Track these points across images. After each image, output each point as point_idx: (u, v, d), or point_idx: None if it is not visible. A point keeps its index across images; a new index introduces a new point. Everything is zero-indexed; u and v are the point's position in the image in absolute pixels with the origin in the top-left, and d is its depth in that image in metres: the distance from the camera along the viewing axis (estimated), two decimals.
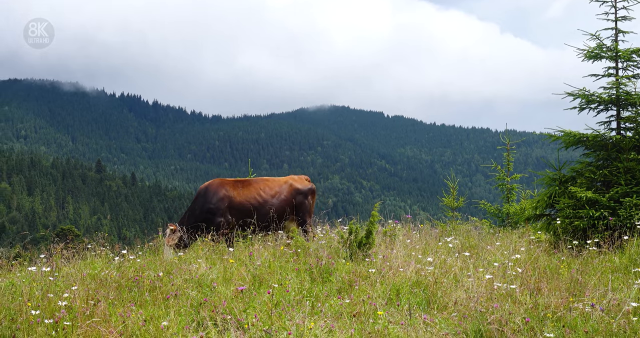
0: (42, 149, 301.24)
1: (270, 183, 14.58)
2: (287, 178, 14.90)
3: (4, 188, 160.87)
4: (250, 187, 14.32)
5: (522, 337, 6.77)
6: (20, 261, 10.94)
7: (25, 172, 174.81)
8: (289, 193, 14.45)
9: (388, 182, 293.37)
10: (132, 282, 8.85)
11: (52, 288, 8.08)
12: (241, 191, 14.16)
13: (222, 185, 14.17)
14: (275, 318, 7.02)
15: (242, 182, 14.45)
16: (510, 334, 6.66)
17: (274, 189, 14.39)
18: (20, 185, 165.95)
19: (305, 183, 14.82)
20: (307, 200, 14.63)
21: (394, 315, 7.67)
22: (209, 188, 14.15)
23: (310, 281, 9.35)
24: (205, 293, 8.48)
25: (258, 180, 14.73)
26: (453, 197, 19.81)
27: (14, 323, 6.91)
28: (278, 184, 14.56)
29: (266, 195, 14.25)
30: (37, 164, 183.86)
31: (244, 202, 14.03)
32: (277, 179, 14.82)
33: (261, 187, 14.37)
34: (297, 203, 14.45)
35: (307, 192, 14.67)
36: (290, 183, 14.61)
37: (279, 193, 14.37)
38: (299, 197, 14.53)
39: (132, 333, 6.98)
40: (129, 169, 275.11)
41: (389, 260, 10.04)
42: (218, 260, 10.50)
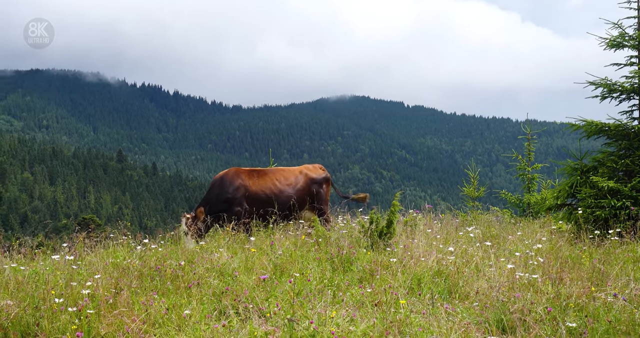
0: (63, 138, 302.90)
1: (285, 173, 14.57)
2: (301, 167, 14.90)
3: (26, 178, 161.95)
4: (265, 176, 14.31)
5: (544, 327, 6.75)
6: (43, 250, 11.01)
7: (47, 161, 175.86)
8: (305, 182, 14.45)
9: (408, 172, 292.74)
10: (154, 271, 8.88)
11: (75, 277, 8.12)
12: (257, 180, 14.15)
13: (238, 174, 14.16)
14: (297, 307, 7.03)
15: (257, 172, 14.44)
16: (532, 324, 6.64)
17: (289, 179, 14.39)
18: (42, 174, 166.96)
19: (319, 172, 14.81)
20: (322, 189, 14.63)
21: (416, 304, 7.67)
22: (225, 177, 14.14)
23: (332, 270, 9.36)
24: (227, 282, 8.50)
25: (273, 170, 14.73)
26: (474, 187, 19.75)
27: (38, 311, 6.95)
28: (293, 174, 14.55)
29: (281, 184, 14.24)
30: (59, 154, 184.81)
31: (260, 191, 14.02)
32: (292, 169, 14.81)
33: (277, 176, 14.37)
34: (313, 193, 14.46)
35: (321, 181, 14.68)
36: (305, 173, 14.60)
37: (294, 183, 14.36)
38: (314, 186, 14.53)
39: (154, 321, 7.01)
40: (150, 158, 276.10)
41: (410, 249, 10.03)
42: (239, 250, 10.52)
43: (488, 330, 6.82)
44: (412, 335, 6.44)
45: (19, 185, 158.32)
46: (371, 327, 6.63)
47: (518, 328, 6.64)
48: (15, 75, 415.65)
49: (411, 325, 6.66)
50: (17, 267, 8.98)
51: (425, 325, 6.72)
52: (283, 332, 6.40)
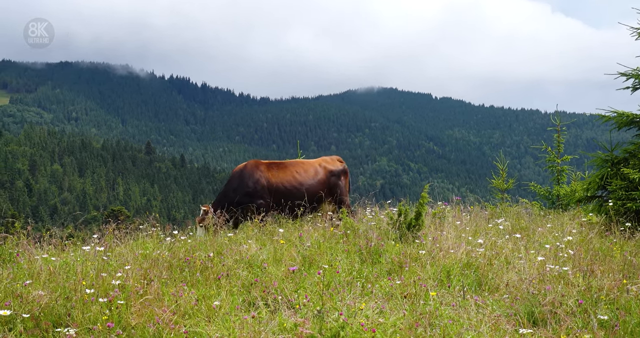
0: (92, 130, 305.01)
1: (304, 165, 14.56)
2: (319, 160, 14.89)
3: (55, 169, 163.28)
4: (285, 169, 14.30)
5: (575, 319, 6.71)
6: (74, 241, 11.07)
7: (77, 153, 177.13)
8: (323, 174, 14.44)
9: (436, 164, 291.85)
10: (184, 262, 8.91)
11: (105, 268, 8.17)
12: (276, 173, 14.15)
13: (258, 166, 14.16)
14: (326, 299, 7.03)
15: (276, 164, 14.43)
16: (563, 316, 6.60)
17: (308, 171, 14.37)
18: (72, 166, 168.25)
19: (337, 164, 14.80)
20: (341, 181, 14.62)
21: (445, 296, 7.65)
22: (245, 170, 14.14)
23: (360, 262, 9.35)
24: (256, 273, 8.52)
25: (292, 162, 14.71)
26: (502, 179, 19.64)
27: (69, 302, 7.00)
28: (312, 166, 14.54)
29: (301, 177, 14.23)
30: (88, 146, 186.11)
31: (279, 184, 14.01)
32: (310, 161, 14.80)
33: (296, 169, 14.35)
34: (332, 185, 14.46)
35: (340, 173, 14.67)
36: (324, 166, 14.60)
37: (313, 175, 14.35)
38: (333, 178, 14.53)
39: (184, 312, 7.04)
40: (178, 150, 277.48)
41: (439, 241, 10.00)
42: (268, 241, 10.54)
43: (519, 322, 6.79)
44: (442, 327, 6.42)
45: (48, 177, 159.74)
46: (401, 319, 6.62)
47: (549, 320, 6.60)
48: (45, 67, 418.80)
49: (441, 317, 6.64)
50: (48, 258, 9.04)
51: (455, 317, 6.70)
52: (313, 323, 6.41)
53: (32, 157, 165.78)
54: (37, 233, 10.92)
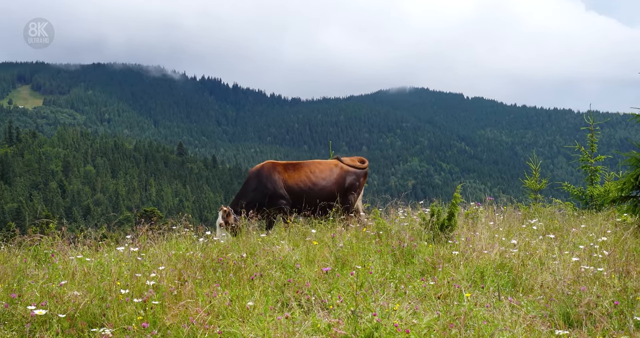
0: (125, 132, 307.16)
1: (320, 165, 14.49)
2: (336, 160, 14.84)
3: (88, 170, 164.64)
4: (301, 169, 14.25)
5: (611, 321, 6.65)
6: (107, 241, 11.15)
7: (109, 154, 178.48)
8: (339, 175, 14.33)
9: (468, 164, 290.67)
10: (217, 262, 8.94)
11: (139, 268, 8.22)
12: (292, 174, 14.11)
13: (274, 168, 14.14)
14: (360, 300, 7.03)
15: (293, 165, 14.39)
16: (599, 317, 6.55)
17: (324, 172, 14.30)
18: (105, 167, 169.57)
19: (356, 164, 14.71)
20: (359, 181, 14.53)
21: (479, 297, 7.62)
22: (262, 171, 14.15)
23: (393, 263, 9.34)
24: (289, 274, 8.53)
25: (309, 162, 14.64)
26: (535, 179, 19.50)
27: (104, 302, 7.05)
28: (328, 166, 14.46)
29: (316, 177, 14.17)
30: (121, 147, 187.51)
31: (295, 185, 13.98)
32: (328, 162, 14.70)
33: (312, 169, 14.29)
34: (348, 185, 14.36)
35: (359, 174, 14.56)
36: (340, 166, 14.52)
37: (329, 176, 14.27)
38: (350, 178, 14.41)
39: (218, 312, 7.07)
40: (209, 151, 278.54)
41: (472, 242, 9.96)
42: (301, 242, 10.55)
43: (554, 323, 6.75)
44: (476, 328, 6.39)
45: (81, 178, 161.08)
46: (435, 320, 6.60)
47: (584, 322, 6.56)
48: (78, 69, 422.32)
49: (475, 318, 6.61)
50: (82, 259, 9.11)
51: (490, 318, 6.67)
52: (346, 324, 6.41)
53: (65, 158, 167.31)
54: (71, 234, 11.02)
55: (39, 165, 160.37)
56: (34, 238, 10.65)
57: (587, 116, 19.78)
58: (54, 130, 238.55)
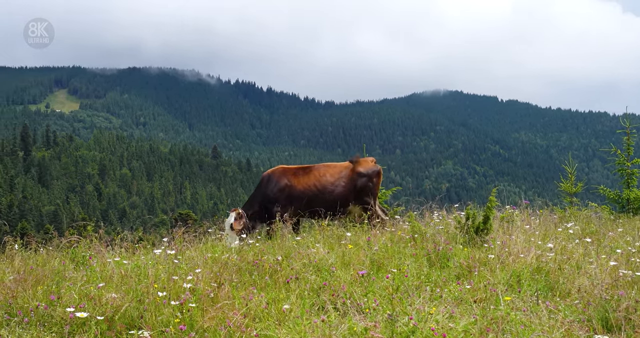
0: (160, 135, 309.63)
1: (330, 168, 14.43)
2: (349, 162, 14.79)
3: (124, 173, 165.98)
4: (310, 174, 14.22)
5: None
6: (144, 244, 11.24)
7: (145, 158, 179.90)
8: (349, 177, 14.24)
9: (502, 167, 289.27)
10: (252, 265, 8.97)
11: (176, 271, 8.27)
12: (302, 179, 14.11)
13: (285, 173, 14.16)
14: (396, 303, 7.02)
15: (303, 169, 14.39)
16: (638, 322, 6.49)
17: (334, 175, 14.23)
18: (140, 170, 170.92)
19: (368, 165, 14.59)
20: (371, 183, 14.37)
21: (516, 301, 7.57)
22: (272, 176, 14.18)
23: (428, 266, 9.32)
24: (325, 277, 8.54)
25: (319, 166, 14.58)
26: (571, 183, 19.34)
27: (141, 305, 7.09)
28: (339, 169, 14.38)
29: (326, 181, 14.11)
30: (156, 150, 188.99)
31: (304, 189, 13.97)
32: (338, 164, 14.63)
33: (321, 173, 14.23)
34: (360, 187, 14.23)
35: (370, 175, 14.39)
36: (352, 167, 14.45)
37: (338, 178, 14.21)
38: (362, 180, 14.27)
39: (255, 315, 7.09)
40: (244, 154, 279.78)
41: (508, 245, 9.90)
42: (336, 245, 10.56)
43: (592, 328, 6.70)
44: (513, 332, 6.36)
45: (117, 181, 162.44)
46: (472, 324, 6.58)
47: (623, 327, 6.50)
48: (114, 73, 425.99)
49: (512, 323, 6.58)
50: (120, 261, 9.19)
51: (527, 323, 6.64)
52: (383, 327, 6.40)
53: (101, 161, 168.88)
54: (107, 236, 11.12)
55: (75, 169, 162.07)
56: (71, 240, 10.77)
57: (623, 119, 19.61)
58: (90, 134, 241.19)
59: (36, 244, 10.84)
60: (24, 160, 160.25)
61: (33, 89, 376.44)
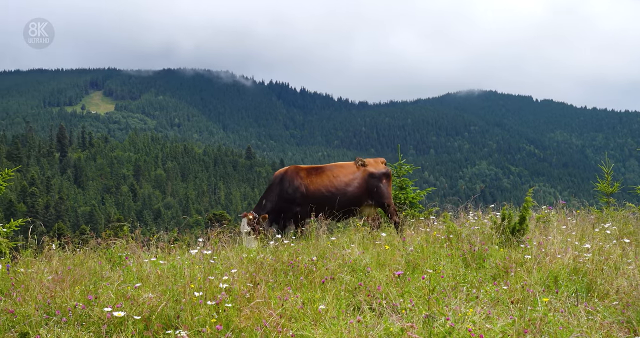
0: (194, 136, 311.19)
1: (342, 169, 14.46)
2: (355, 162, 14.77)
3: (159, 174, 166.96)
4: (322, 174, 14.24)
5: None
6: (179, 244, 11.28)
7: (179, 159, 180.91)
8: (362, 178, 14.30)
9: (537, 167, 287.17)
10: (288, 266, 8.98)
11: (212, 271, 8.29)
12: (314, 179, 14.12)
13: (297, 173, 14.16)
14: (432, 304, 6.99)
15: (315, 169, 14.41)
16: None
17: (347, 175, 14.27)
18: (175, 171, 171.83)
19: (379, 166, 14.60)
20: (382, 184, 14.43)
21: (553, 302, 7.50)
22: (285, 176, 14.17)
23: (464, 267, 9.27)
24: (360, 277, 8.53)
25: (332, 166, 14.61)
26: (607, 183, 19.14)
27: (178, 304, 7.13)
28: (351, 170, 14.42)
29: (338, 181, 14.13)
30: (190, 151, 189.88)
31: (317, 190, 13.97)
32: (350, 164, 14.66)
33: (334, 173, 14.27)
34: (371, 188, 14.30)
35: (381, 176, 14.47)
36: (363, 168, 14.46)
37: (351, 179, 14.24)
38: (373, 181, 14.35)
39: (290, 315, 7.09)
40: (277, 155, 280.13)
41: (545, 246, 9.82)
42: (371, 245, 10.54)
43: (632, 329, 6.63)
44: (551, 334, 6.31)
45: (152, 181, 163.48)
46: (509, 325, 6.53)
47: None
48: (149, 75, 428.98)
49: (550, 324, 6.53)
50: (156, 261, 9.24)
51: (565, 324, 6.58)
52: (420, 328, 6.38)
53: (136, 162, 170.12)
54: (143, 237, 11.19)
55: (111, 170, 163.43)
56: (108, 241, 10.85)
57: None
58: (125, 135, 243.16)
59: (73, 244, 10.92)
60: (61, 161, 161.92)
61: (69, 90, 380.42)
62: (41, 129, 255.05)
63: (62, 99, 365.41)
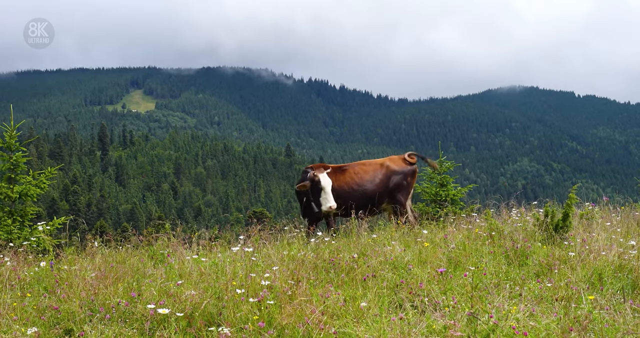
0: (234, 134, 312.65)
1: (365, 166, 14.48)
2: (384, 159, 14.76)
3: (199, 172, 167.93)
4: (346, 172, 14.30)
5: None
6: (221, 242, 11.33)
7: (219, 156, 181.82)
8: (384, 175, 14.30)
9: (579, 164, 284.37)
10: (329, 263, 8.98)
11: (253, 269, 8.32)
12: (339, 176, 14.15)
13: (323, 171, 14.17)
14: (475, 301, 6.95)
15: (339, 167, 14.48)
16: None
17: (369, 173, 14.28)
18: (215, 169, 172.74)
19: (402, 163, 14.56)
20: (406, 181, 14.40)
21: (598, 300, 7.41)
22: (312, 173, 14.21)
23: (507, 264, 9.20)
24: (401, 275, 8.50)
25: (354, 164, 14.65)
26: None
27: (220, 302, 7.15)
28: (373, 167, 14.43)
29: (359, 178, 14.17)
30: (230, 149, 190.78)
31: (341, 187, 13.99)
32: (373, 162, 14.70)
33: (356, 171, 14.31)
34: (394, 185, 14.29)
35: (406, 173, 14.45)
36: (387, 165, 14.45)
37: (373, 176, 14.24)
38: (396, 177, 14.34)
39: (332, 313, 7.08)
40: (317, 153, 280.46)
41: (588, 243, 9.71)
42: (412, 243, 10.51)
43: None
44: (596, 331, 6.24)
45: (192, 179, 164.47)
46: (554, 323, 6.47)
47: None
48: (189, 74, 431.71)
49: (595, 322, 6.45)
50: (198, 259, 9.29)
51: (611, 322, 6.49)
52: (463, 325, 6.33)
53: (177, 160, 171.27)
54: (184, 234, 11.26)
55: (151, 168, 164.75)
56: (150, 238, 10.94)
57: None
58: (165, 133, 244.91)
59: (115, 242, 11.02)
60: (102, 160, 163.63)
61: (110, 89, 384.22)
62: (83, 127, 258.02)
63: (103, 98, 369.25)
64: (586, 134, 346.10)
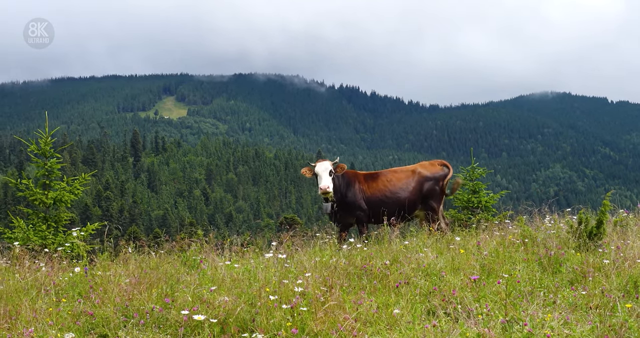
0: (265, 140, 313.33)
1: (397, 174, 14.41)
2: (416, 165, 14.70)
3: (231, 178, 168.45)
4: (378, 179, 14.23)
5: None
6: (253, 248, 11.35)
7: (250, 163, 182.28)
8: (417, 182, 14.22)
9: (613, 170, 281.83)
10: (361, 270, 8.98)
11: (286, 275, 8.33)
12: (371, 183, 14.11)
13: (356, 178, 14.16)
14: (509, 309, 6.91)
15: (371, 175, 14.43)
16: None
17: (401, 180, 14.21)
18: (246, 175, 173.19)
19: (434, 169, 14.50)
20: (438, 187, 14.35)
21: (634, 308, 7.35)
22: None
23: (540, 271, 9.14)
24: (434, 282, 8.48)
25: (386, 171, 14.60)
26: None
27: (253, 308, 7.17)
28: (405, 174, 14.35)
29: (392, 185, 14.09)
30: (261, 155, 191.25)
31: (373, 195, 13.96)
32: (405, 169, 14.62)
33: (388, 178, 14.24)
34: (427, 191, 14.24)
35: (438, 178, 14.38)
36: (418, 171, 14.37)
37: (405, 183, 14.17)
38: (428, 184, 14.28)
39: (365, 319, 7.08)
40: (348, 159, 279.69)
41: (623, 250, 9.62)
42: (445, 249, 10.48)
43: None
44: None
45: (224, 185, 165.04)
46: (589, 331, 6.42)
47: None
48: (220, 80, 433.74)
49: (631, 330, 6.39)
50: (231, 265, 9.32)
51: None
52: (497, 333, 6.30)
53: (208, 166, 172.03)
54: (217, 240, 11.30)
55: (183, 174, 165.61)
56: (183, 244, 10.99)
57: None
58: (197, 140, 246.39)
59: (148, 248, 11.08)
60: (134, 166, 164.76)
61: (142, 96, 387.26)
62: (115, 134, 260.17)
63: (135, 105, 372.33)
64: (619, 140, 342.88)
